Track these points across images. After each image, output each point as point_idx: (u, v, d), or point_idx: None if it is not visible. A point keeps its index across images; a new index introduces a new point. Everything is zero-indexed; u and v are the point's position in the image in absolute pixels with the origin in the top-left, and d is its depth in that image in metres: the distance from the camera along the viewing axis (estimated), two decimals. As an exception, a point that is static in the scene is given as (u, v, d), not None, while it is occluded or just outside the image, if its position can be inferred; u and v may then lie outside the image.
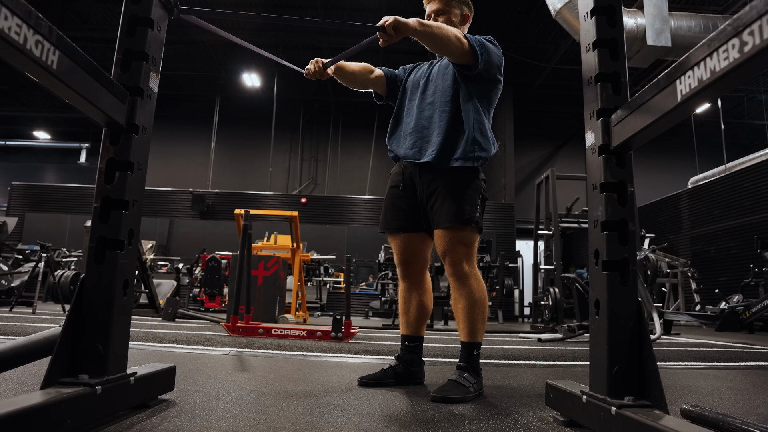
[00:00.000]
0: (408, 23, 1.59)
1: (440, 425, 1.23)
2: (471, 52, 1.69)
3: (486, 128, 1.81)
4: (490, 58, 1.75)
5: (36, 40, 0.83)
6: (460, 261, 1.72)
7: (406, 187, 1.86)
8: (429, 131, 1.81)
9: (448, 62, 1.84)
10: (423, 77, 1.94)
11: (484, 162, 1.78)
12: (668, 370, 2.54)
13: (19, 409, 0.85)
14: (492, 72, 1.79)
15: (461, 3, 1.94)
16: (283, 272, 5.51)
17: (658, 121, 1.00)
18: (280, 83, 12.22)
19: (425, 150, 1.79)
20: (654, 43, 6.30)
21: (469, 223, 1.71)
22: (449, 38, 1.64)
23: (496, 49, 1.81)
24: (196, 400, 1.39)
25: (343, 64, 1.93)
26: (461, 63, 1.74)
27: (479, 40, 1.75)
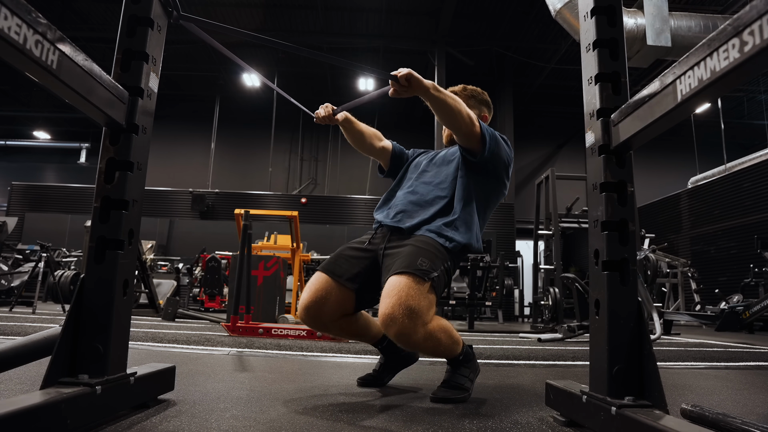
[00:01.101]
0: (422, 81, 1.52)
1: (440, 425, 1.23)
2: (480, 137, 1.63)
3: (473, 222, 1.68)
4: (499, 151, 1.69)
5: (36, 39, 0.83)
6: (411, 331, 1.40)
7: (370, 244, 1.72)
8: (416, 208, 1.71)
9: (455, 150, 1.78)
10: (427, 160, 1.88)
11: (456, 247, 1.61)
12: (668, 370, 2.54)
13: (18, 409, 0.85)
14: (498, 167, 1.72)
15: (481, 103, 1.91)
16: (283, 272, 5.51)
17: (658, 121, 1.00)
18: (280, 83, 12.22)
19: (405, 222, 1.68)
20: (654, 43, 6.30)
21: (425, 276, 1.47)
22: (461, 113, 1.57)
23: (507, 148, 1.75)
24: (196, 400, 1.39)
25: (353, 120, 1.90)
26: (467, 146, 1.66)
27: (492, 131, 1.69)
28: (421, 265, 1.49)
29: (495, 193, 1.79)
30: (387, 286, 1.47)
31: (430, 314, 1.46)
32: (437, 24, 10.18)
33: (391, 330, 1.40)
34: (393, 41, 10.82)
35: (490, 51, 10.94)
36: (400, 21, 10.47)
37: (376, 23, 10.52)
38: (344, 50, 11.31)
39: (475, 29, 10.64)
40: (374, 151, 1.97)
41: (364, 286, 1.66)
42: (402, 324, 1.38)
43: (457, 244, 1.61)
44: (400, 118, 13.43)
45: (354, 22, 10.52)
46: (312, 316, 1.62)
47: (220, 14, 10.18)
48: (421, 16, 10.24)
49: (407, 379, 1.93)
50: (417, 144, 2.16)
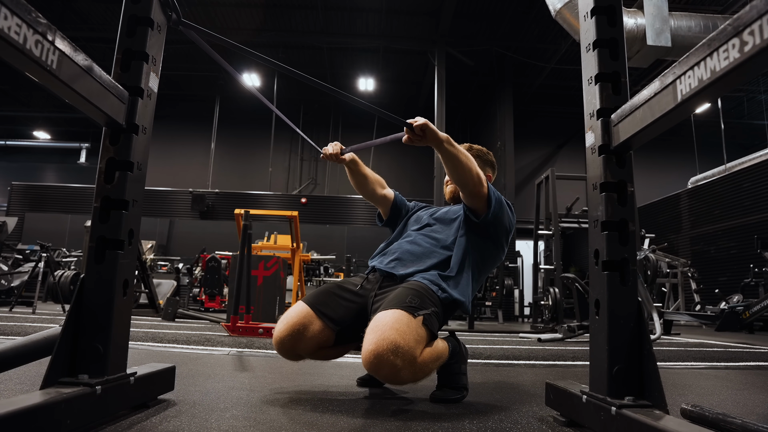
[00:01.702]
0: (437, 133, 1.52)
1: (440, 425, 1.23)
2: (486, 198, 1.62)
3: (466, 283, 1.63)
4: (502, 215, 1.68)
5: (36, 39, 0.83)
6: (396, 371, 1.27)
7: (361, 288, 1.65)
8: (412, 258, 1.67)
9: (458, 209, 1.77)
10: (428, 215, 1.87)
11: (447, 299, 1.55)
12: (668, 370, 2.54)
13: (18, 409, 0.85)
14: (498, 232, 1.71)
15: (486, 164, 1.91)
16: (283, 272, 5.51)
17: (658, 121, 1.00)
18: (280, 83, 12.23)
19: (399, 270, 1.64)
20: (654, 43, 6.30)
21: (413, 312, 1.38)
22: (471, 171, 1.57)
23: (510, 213, 1.74)
24: (196, 400, 1.39)
25: (359, 163, 1.90)
26: (471, 206, 1.65)
27: (499, 195, 1.68)
28: (410, 302, 1.42)
29: (492, 258, 1.77)
30: (372, 322, 1.36)
31: (419, 350, 1.33)
32: (437, 24, 10.18)
33: (374, 370, 1.28)
34: (393, 41, 10.82)
35: (490, 51, 10.94)
36: (400, 21, 10.47)
37: (376, 23, 10.52)
38: (344, 50, 11.31)
39: (475, 29, 10.63)
40: (376, 198, 1.96)
41: (348, 328, 1.59)
42: (388, 362, 1.25)
43: (449, 296, 1.55)
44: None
45: (354, 22, 10.52)
46: (286, 350, 1.54)
47: (220, 14, 10.18)
48: (421, 16, 10.24)
49: (407, 379, 1.93)
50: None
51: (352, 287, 1.66)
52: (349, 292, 1.64)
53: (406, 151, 12.61)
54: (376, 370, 1.28)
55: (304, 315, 1.54)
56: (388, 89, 12.94)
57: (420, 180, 12.60)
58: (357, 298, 1.62)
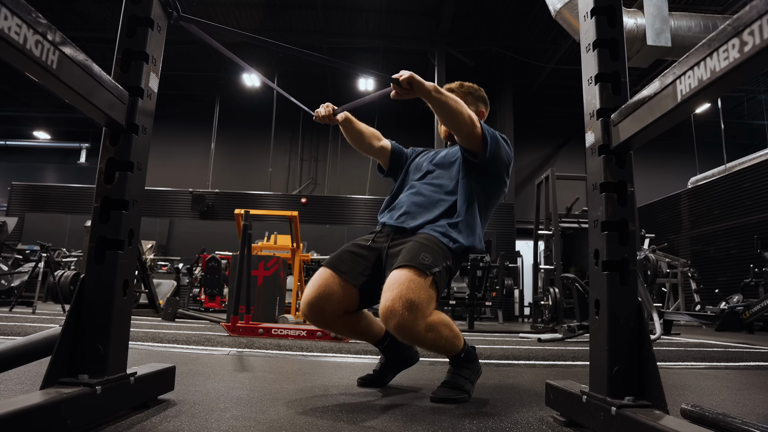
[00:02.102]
0: (423, 84, 1.53)
1: (440, 425, 1.23)
2: (481, 138, 1.65)
3: (475, 224, 1.70)
4: (499, 151, 1.70)
5: (36, 40, 0.83)
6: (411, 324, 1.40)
7: (374, 242, 1.73)
8: (420, 210, 1.73)
9: (456, 151, 1.79)
10: (428, 161, 1.88)
11: (460, 248, 1.63)
12: (668, 370, 2.54)
13: (18, 409, 0.85)
14: (498, 167, 1.74)
15: (478, 100, 1.91)
16: (283, 272, 5.51)
17: (658, 121, 1.00)
18: (280, 83, 12.23)
19: (408, 223, 1.70)
20: (654, 43, 6.30)
21: (427, 270, 1.48)
22: (462, 114, 1.59)
23: (507, 148, 1.76)
24: (196, 400, 1.39)
25: (353, 120, 1.90)
26: (468, 148, 1.68)
27: (492, 131, 1.70)
28: (423, 259, 1.50)
29: (496, 193, 1.81)
30: (388, 280, 1.48)
31: (431, 308, 1.47)
32: (437, 24, 10.18)
33: (391, 323, 1.41)
34: (393, 41, 10.82)
35: (490, 51, 10.94)
36: (400, 21, 10.47)
37: (376, 23, 10.52)
38: (344, 50, 11.31)
39: (475, 29, 10.64)
40: (373, 151, 1.97)
41: (368, 284, 1.67)
42: (402, 316, 1.39)
43: (460, 245, 1.63)
44: (400, 118, 13.44)
45: (354, 22, 10.52)
46: (315, 312, 1.62)
47: (220, 14, 10.18)
48: (421, 16, 10.24)
49: (407, 379, 1.93)
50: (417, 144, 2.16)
51: (364, 243, 1.74)
52: (363, 248, 1.72)
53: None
54: (392, 324, 1.41)
55: (329, 276, 1.64)
56: None
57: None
58: (371, 252, 1.71)
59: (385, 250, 1.69)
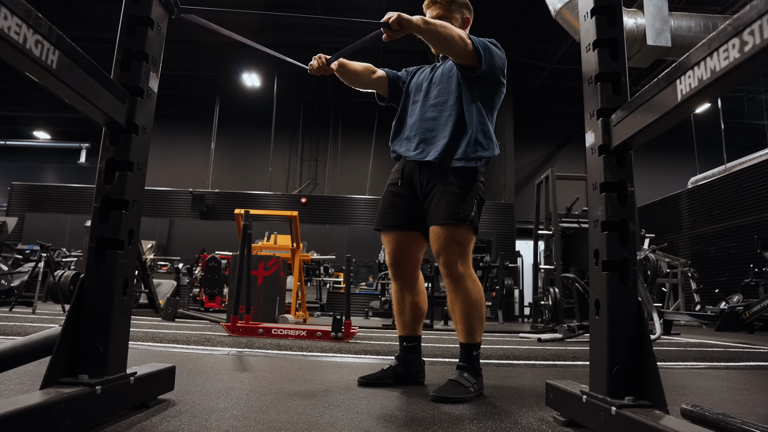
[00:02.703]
0: (412, 20, 1.59)
1: (440, 425, 1.23)
2: (474, 52, 1.70)
3: (489, 129, 1.81)
4: (494, 60, 1.76)
5: (36, 39, 0.83)
6: (454, 261, 1.70)
7: (404, 185, 1.86)
8: (433, 133, 1.81)
9: (451, 65, 1.85)
10: (426, 80, 1.94)
11: (486, 162, 1.78)
12: (668, 370, 2.54)
13: (18, 409, 0.85)
14: (495, 74, 1.79)
15: (461, 7, 1.94)
16: (283, 272, 5.51)
17: (658, 121, 1.00)
18: (280, 83, 12.22)
19: (428, 151, 1.79)
20: (654, 43, 6.30)
21: (464, 222, 1.70)
22: (453, 37, 1.65)
23: (499, 52, 1.81)
24: (196, 400, 1.39)
25: (345, 62, 1.95)
26: (464, 64, 1.74)
27: (483, 42, 1.75)
28: (458, 212, 1.70)
29: (497, 95, 1.87)
30: (434, 235, 1.73)
31: (471, 247, 1.76)
32: (437, 24, 10.17)
33: (441, 258, 1.71)
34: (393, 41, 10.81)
35: (490, 51, 10.93)
36: (400, 21, 10.46)
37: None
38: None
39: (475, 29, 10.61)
40: (371, 84, 2.02)
41: (420, 221, 1.83)
42: (449, 255, 1.70)
43: (487, 159, 1.78)
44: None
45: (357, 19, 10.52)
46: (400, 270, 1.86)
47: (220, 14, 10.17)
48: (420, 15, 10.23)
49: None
50: None
51: (395, 188, 1.88)
52: (396, 195, 1.87)
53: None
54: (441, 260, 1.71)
55: (394, 235, 1.87)
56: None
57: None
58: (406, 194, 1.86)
59: (419, 190, 1.82)
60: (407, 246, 1.86)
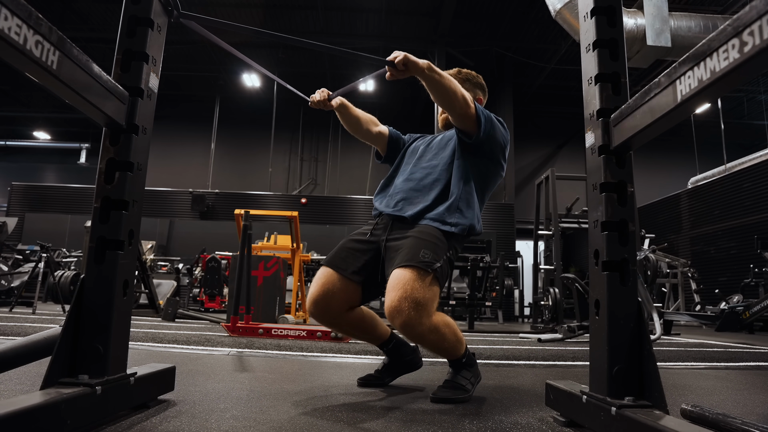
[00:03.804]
0: (418, 63, 1.52)
1: (440, 425, 1.23)
2: (475, 117, 1.64)
3: (473, 201, 1.70)
4: (494, 133, 1.69)
5: (36, 40, 0.83)
6: (415, 322, 1.44)
7: (372, 236, 1.73)
8: (417, 194, 1.71)
9: (452, 134, 1.78)
10: (424, 144, 1.88)
11: (462, 230, 1.63)
12: (668, 370, 2.54)
13: (18, 409, 0.85)
14: (494, 149, 1.73)
15: (476, 86, 1.90)
16: (283, 272, 5.51)
17: (658, 121, 1.00)
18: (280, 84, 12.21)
19: (406, 210, 1.68)
20: (654, 43, 6.30)
21: (429, 267, 1.50)
22: (455, 93, 1.58)
23: (503, 130, 1.75)
24: (196, 400, 1.39)
25: (349, 105, 1.89)
26: (462, 128, 1.67)
27: (488, 113, 1.69)
28: (423, 257, 1.52)
29: (492, 175, 1.80)
30: (392, 280, 1.50)
31: (434, 305, 1.51)
32: (437, 24, 10.18)
33: (396, 321, 1.45)
34: (393, 41, 10.81)
35: (490, 51, 10.93)
36: (400, 21, 10.47)
37: (376, 23, 10.52)
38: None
39: (475, 29, 10.63)
40: (371, 137, 1.97)
41: (369, 278, 1.69)
42: (408, 315, 1.43)
43: (463, 227, 1.64)
44: (399, 116, 13.44)
45: (354, 22, 10.52)
46: (321, 309, 1.64)
47: (220, 14, 10.17)
48: (421, 16, 10.24)
49: (407, 379, 1.93)
50: None
51: (362, 237, 1.75)
52: (361, 242, 1.74)
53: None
54: (398, 322, 1.46)
55: (330, 274, 1.67)
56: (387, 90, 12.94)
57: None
58: (370, 246, 1.72)
59: (384, 243, 1.68)
60: (338, 292, 1.64)
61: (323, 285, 1.65)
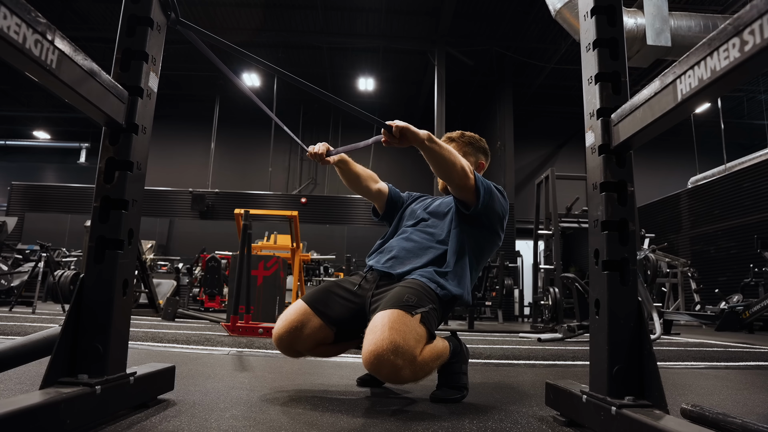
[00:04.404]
0: (417, 134, 1.49)
1: (440, 425, 1.23)
2: (474, 189, 1.60)
3: (465, 276, 1.65)
4: (493, 204, 1.66)
5: (35, 39, 0.83)
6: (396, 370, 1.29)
7: (359, 288, 1.66)
8: (410, 256, 1.67)
9: (451, 201, 1.76)
10: (422, 208, 1.85)
11: (446, 296, 1.56)
12: (668, 370, 2.54)
13: (18, 409, 0.85)
14: (492, 220, 1.70)
15: (478, 151, 1.89)
16: (283, 272, 5.51)
17: (658, 120, 1.00)
18: (280, 83, 12.22)
19: (396, 268, 1.65)
20: (654, 43, 6.30)
21: (411, 310, 1.39)
22: (455, 165, 1.55)
23: (503, 200, 1.72)
24: (195, 400, 1.39)
25: (349, 161, 1.86)
26: (461, 198, 1.65)
27: (487, 184, 1.66)
28: (407, 301, 1.42)
29: (489, 245, 1.76)
30: (372, 323, 1.37)
31: (418, 349, 1.35)
32: (437, 24, 10.18)
33: (375, 371, 1.29)
34: (393, 41, 10.82)
35: (490, 51, 10.94)
36: (400, 21, 10.47)
37: (376, 23, 10.52)
38: (344, 50, 11.30)
39: (475, 29, 10.63)
40: (370, 194, 1.94)
41: (346, 328, 1.61)
42: (389, 362, 1.27)
43: (448, 292, 1.56)
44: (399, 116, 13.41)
45: (354, 22, 10.52)
46: (285, 347, 1.57)
47: (220, 14, 10.18)
48: (421, 16, 10.24)
49: (407, 379, 1.93)
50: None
51: (350, 287, 1.67)
52: (347, 291, 1.65)
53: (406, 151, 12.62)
54: (377, 370, 1.29)
55: (303, 313, 1.57)
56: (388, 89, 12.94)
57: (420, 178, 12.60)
58: (355, 298, 1.63)
59: (369, 297, 1.61)
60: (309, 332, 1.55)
61: (292, 323, 1.54)
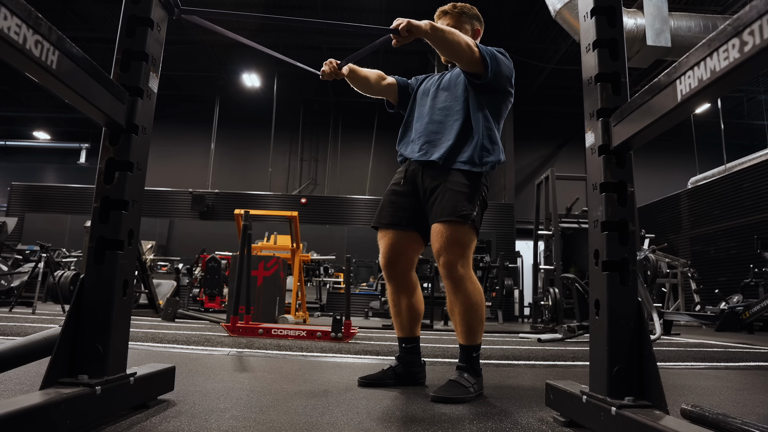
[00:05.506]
0: (420, 26, 1.62)
1: (440, 425, 1.23)
2: (481, 60, 1.72)
3: (495, 135, 1.82)
4: (500, 68, 1.77)
5: (36, 40, 0.83)
6: (455, 263, 1.68)
7: (407, 184, 1.86)
8: (438, 136, 1.82)
9: (459, 72, 1.86)
10: (434, 85, 1.96)
11: (491, 167, 1.79)
12: (668, 370, 2.54)
13: (18, 409, 0.85)
14: (502, 83, 1.81)
15: (472, 18, 1.97)
16: (283, 272, 5.51)
17: (658, 121, 1.00)
18: (279, 83, 12.22)
19: (432, 153, 1.80)
20: (654, 43, 6.30)
21: (467, 220, 1.69)
22: (460, 44, 1.67)
23: (507, 61, 1.82)
24: (195, 400, 1.39)
25: (356, 68, 1.97)
26: (471, 71, 1.76)
27: (490, 50, 1.77)
28: (461, 210, 1.69)
29: (505, 104, 1.88)
30: (434, 233, 1.72)
31: (472, 248, 1.74)
32: (437, 24, 10.18)
33: (441, 259, 1.69)
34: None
35: (489, 51, 10.93)
36: (400, 21, 10.46)
37: (375, 23, 10.52)
38: (344, 50, 11.30)
39: (475, 29, 10.63)
40: (382, 91, 2.05)
41: (420, 222, 1.84)
42: (450, 255, 1.67)
43: (492, 163, 1.78)
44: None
45: (354, 22, 10.52)
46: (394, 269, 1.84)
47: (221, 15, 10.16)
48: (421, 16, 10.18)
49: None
50: None
51: (398, 187, 1.88)
52: (399, 195, 1.87)
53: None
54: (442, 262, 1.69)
55: (390, 235, 1.85)
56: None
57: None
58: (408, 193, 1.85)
59: (421, 190, 1.82)
60: (402, 246, 1.84)
61: (391, 246, 1.83)
